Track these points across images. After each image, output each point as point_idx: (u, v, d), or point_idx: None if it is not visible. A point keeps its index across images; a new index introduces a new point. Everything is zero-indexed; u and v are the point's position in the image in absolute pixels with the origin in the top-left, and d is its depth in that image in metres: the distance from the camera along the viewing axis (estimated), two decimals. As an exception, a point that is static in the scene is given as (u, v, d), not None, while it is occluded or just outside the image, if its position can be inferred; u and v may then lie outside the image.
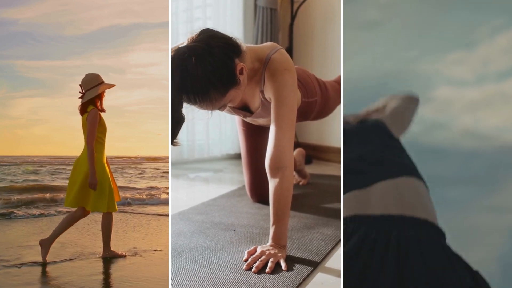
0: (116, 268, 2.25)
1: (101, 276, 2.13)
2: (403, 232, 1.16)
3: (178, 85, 1.56)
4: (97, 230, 2.87)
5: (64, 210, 4.00)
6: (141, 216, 3.93)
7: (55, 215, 3.94)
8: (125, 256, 2.42)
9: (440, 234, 1.22)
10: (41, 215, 3.92)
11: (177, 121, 1.57)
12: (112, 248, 2.41)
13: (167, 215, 3.86)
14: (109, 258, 2.38)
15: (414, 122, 1.79)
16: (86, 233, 3.05)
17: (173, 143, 1.60)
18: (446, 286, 1.06)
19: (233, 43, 1.67)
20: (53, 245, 2.36)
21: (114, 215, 2.44)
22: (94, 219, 3.34)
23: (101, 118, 2.36)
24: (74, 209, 2.39)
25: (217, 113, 3.91)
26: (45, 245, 2.31)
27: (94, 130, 2.30)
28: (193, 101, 1.62)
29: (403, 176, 1.30)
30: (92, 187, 2.28)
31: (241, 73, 1.66)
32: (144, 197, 5.06)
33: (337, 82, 2.52)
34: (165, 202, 4.81)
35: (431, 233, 1.20)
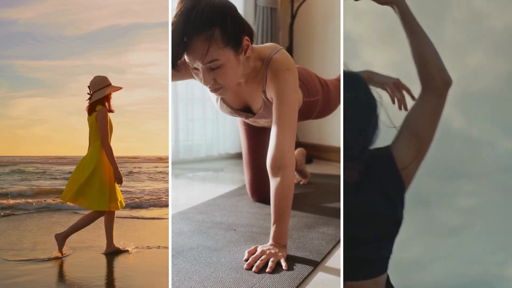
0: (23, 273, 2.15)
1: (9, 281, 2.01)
2: None
3: (187, 12, 1.50)
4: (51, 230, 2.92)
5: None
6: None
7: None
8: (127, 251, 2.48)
9: None
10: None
11: (176, 53, 1.55)
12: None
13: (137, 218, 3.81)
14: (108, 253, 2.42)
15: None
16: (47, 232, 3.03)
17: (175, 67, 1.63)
18: None
19: (249, 25, 1.69)
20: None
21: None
22: (50, 220, 3.34)
23: (108, 118, 2.41)
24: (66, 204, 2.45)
25: (216, 112, 3.90)
26: (59, 239, 2.39)
27: (106, 127, 2.37)
28: (193, 33, 1.51)
29: (381, 275, 1.27)
30: (119, 181, 2.36)
31: (245, 50, 1.66)
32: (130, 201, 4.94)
33: (339, 80, 2.51)
34: (160, 205, 4.76)
35: None
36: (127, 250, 2.48)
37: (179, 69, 1.73)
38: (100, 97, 2.38)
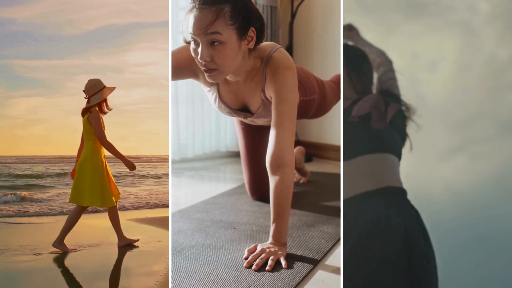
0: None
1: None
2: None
3: None
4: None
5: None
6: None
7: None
8: (137, 240, 2.50)
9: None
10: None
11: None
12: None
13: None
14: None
15: None
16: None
17: None
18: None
19: (262, 19, 1.71)
20: None
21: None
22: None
23: (101, 119, 2.45)
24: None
25: (213, 111, 3.89)
26: (57, 246, 2.39)
27: (101, 127, 2.43)
28: (205, 2, 1.56)
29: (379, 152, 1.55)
30: (132, 168, 2.40)
31: (248, 41, 1.66)
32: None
33: (334, 82, 2.52)
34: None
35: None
36: (136, 242, 2.50)
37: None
38: (98, 101, 2.43)
